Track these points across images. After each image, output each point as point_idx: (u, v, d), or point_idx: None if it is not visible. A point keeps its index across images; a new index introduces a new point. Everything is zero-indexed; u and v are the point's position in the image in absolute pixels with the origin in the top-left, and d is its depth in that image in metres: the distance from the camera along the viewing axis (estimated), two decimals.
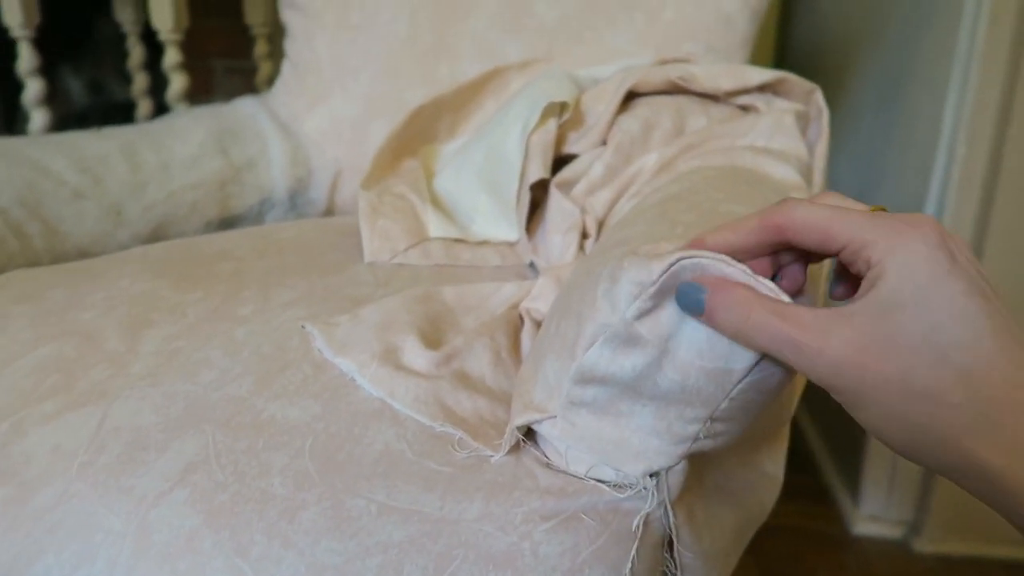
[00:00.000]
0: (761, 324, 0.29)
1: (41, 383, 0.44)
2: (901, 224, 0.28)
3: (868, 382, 0.27)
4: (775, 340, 0.29)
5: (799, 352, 0.28)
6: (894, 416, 0.27)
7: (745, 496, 0.44)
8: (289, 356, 0.46)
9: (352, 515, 0.36)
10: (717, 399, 0.34)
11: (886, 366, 0.27)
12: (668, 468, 0.36)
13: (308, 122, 0.87)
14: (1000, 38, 0.85)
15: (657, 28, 0.81)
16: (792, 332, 0.29)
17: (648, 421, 0.35)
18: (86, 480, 0.38)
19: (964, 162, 0.90)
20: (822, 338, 0.28)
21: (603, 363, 0.35)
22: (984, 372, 0.26)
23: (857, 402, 0.28)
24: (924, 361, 0.27)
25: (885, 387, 0.27)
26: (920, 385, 0.26)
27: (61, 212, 0.68)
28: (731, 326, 0.30)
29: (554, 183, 0.64)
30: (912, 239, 0.28)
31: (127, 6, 1.26)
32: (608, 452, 0.37)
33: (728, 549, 0.43)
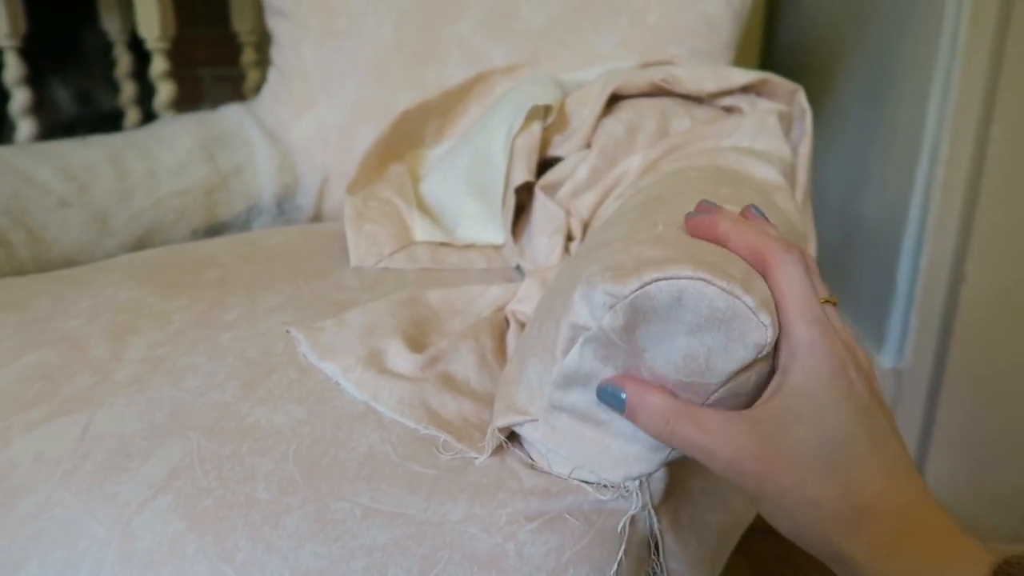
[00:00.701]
0: (677, 432, 0.33)
1: (26, 391, 0.44)
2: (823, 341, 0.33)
3: (768, 487, 0.32)
4: (690, 447, 0.33)
5: (711, 458, 0.33)
6: (786, 516, 0.32)
7: (730, 497, 0.45)
8: (274, 361, 0.46)
9: (336, 518, 0.36)
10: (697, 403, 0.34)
11: (783, 477, 0.32)
12: (648, 475, 0.37)
13: (295, 128, 0.87)
14: (981, 39, 0.86)
15: (641, 31, 0.81)
16: (704, 441, 0.33)
17: (627, 428, 0.36)
18: (70, 487, 0.38)
19: (948, 162, 0.90)
20: (730, 449, 0.32)
21: (584, 365, 0.35)
22: (860, 486, 0.31)
23: (757, 499, 0.33)
24: (815, 473, 0.32)
25: (782, 493, 0.32)
26: (810, 494, 0.32)
27: (46, 220, 0.68)
28: (652, 430, 0.34)
29: (539, 186, 0.64)
30: (822, 361, 0.32)
31: (114, 15, 1.26)
32: (589, 457, 0.37)
33: (715, 552, 0.43)
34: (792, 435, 0.32)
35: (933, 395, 0.99)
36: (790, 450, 0.32)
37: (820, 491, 0.31)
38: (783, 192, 0.54)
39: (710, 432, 0.33)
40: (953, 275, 0.95)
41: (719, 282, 0.32)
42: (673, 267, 0.32)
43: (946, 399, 0.98)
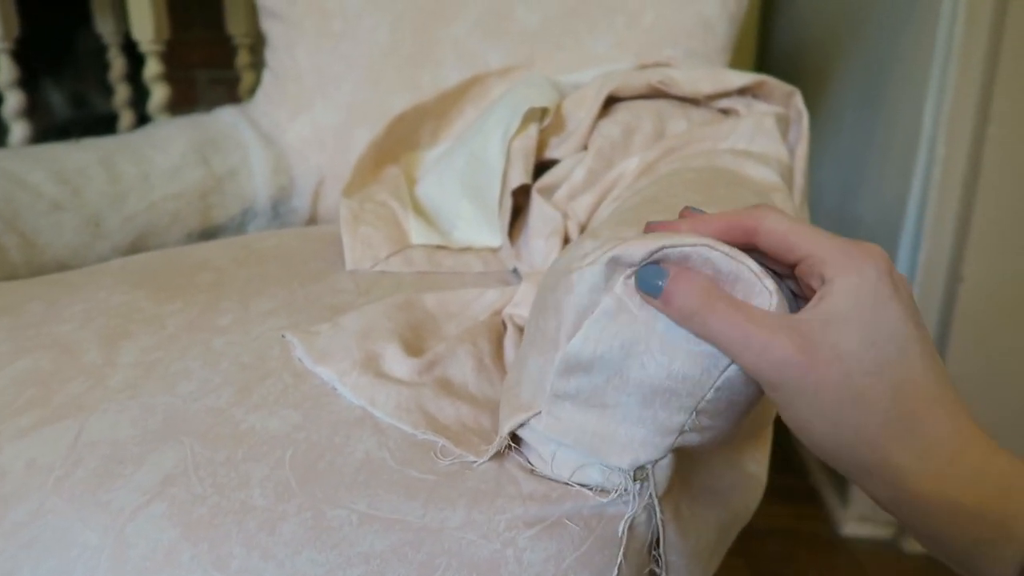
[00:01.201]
0: (716, 309, 0.31)
1: (18, 397, 0.44)
2: (856, 249, 0.31)
3: (809, 381, 0.29)
4: (727, 327, 0.31)
5: (747, 343, 0.30)
6: (826, 416, 0.29)
7: (730, 496, 0.44)
8: (269, 366, 0.45)
9: (333, 525, 0.35)
10: (704, 387, 0.33)
11: (828, 370, 0.29)
12: (655, 461, 0.36)
13: (290, 131, 0.87)
14: (977, 38, 0.86)
15: (637, 33, 0.81)
16: (744, 323, 0.30)
17: (634, 411, 0.35)
18: (62, 495, 0.37)
19: (944, 162, 0.90)
20: (770, 334, 0.30)
21: (590, 345, 0.34)
22: (910, 388, 0.29)
23: (793, 400, 0.30)
24: (861, 369, 0.29)
25: (823, 388, 0.29)
26: (856, 390, 0.29)
27: (39, 224, 0.68)
28: (687, 308, 0.32)
29: (536, 188, 0.64)
30: (864, 265, 0.30)
31: (108, 17, 1.25)
32: (594, 445, 0.36)
33: (712, 549, 0.43)
34: (838, 333, 0.29)
35: None
36: (835, 346, 0.29)
37: (868, 388, 0.29)
38: (781, 193, 0.54)
39: (749, 315, 0.30)
40: (950, 276, 0.95)
41: (721, 247, 0.32)
42: (675, 237, 0.33)
43: None
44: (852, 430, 0.29)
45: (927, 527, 0.29)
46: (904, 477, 0.29)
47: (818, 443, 0.30)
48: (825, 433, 0.30)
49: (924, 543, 0.30)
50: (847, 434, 0.29)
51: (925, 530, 0.29)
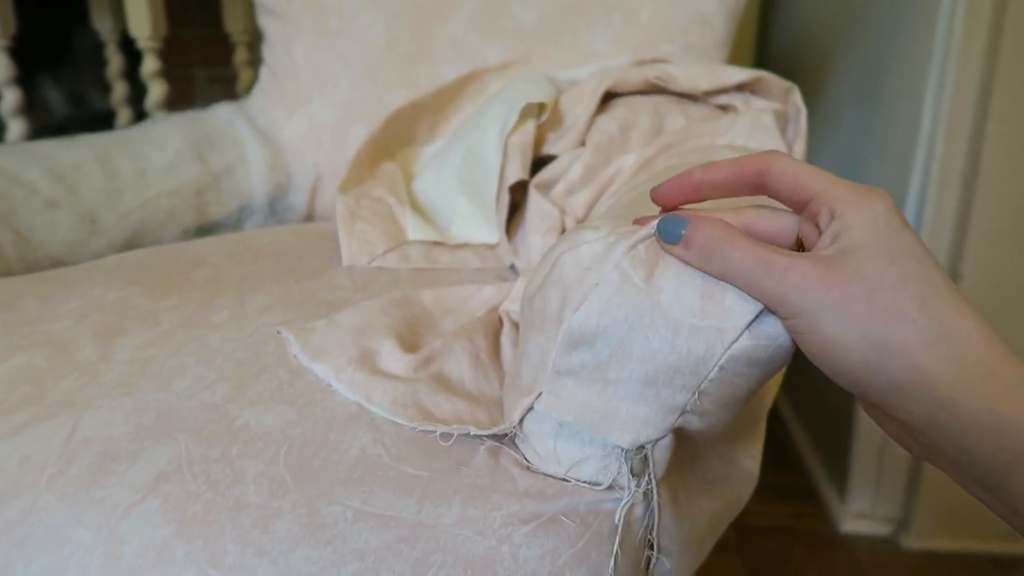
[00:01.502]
0: (736, 244, 0.31)
1: (11, 394, 0.44)
2: (865, 188, 0.31)
3: (833, 297, 0.29)
4: (748, 257, 0.31)
5: (768, 268, 0.30)
6: (854, 330, 0.29)
7: (723, 488, 0.44)
8: (264, 362, 0.45)
9: (328, 522, 0.35)
10: (707, 365, 0.33)
11: (850, 285, 0.29)
12: (655, 441, 0.36)
13: (287, 128, 0.87)
14: (976, 34, 0.85)
15: (634, 29, 0.81)
16: (764, 252, 0.31)
17: (636, 388, 0.34)
18: (55, 492, 0.37)
19: (943, 158, 0.90)
20: (791, 259, 0.30)
21: (593, 318, 0.34)
22: (937, 299, 0.29)
23: (818, 322, 0.29)
24: (886, 284, 0.29)
25: (848, 302, 0.29)
26: (883, 302, 0.29)
27: (34, 221, 0.67)
28: (707, 247, 0.32)
29: (533, 184, 0.63)
30: (875, 200, 0.31)
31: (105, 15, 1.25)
32: (595, 422, 0.36)
33: (704, 539, 0.43)
34: (859, 258, 0.29)
35: None
36: (857, 268, 0.29)
37: (895, 301, 0.28)
38: None
39: (768, 246, 0.31)
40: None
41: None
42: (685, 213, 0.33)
43: None
44: (882, 342, 0.28)
45: (963, 445, 0.28)
46: (941, 389, 0.27)
47: (845, 365, 0.29)
48: (853, 351, 0.29)
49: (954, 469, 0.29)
50: (878, 347, 0.28)
51: (960, 450, 0.28)
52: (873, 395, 0.30)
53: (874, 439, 1.04)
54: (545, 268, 0.38)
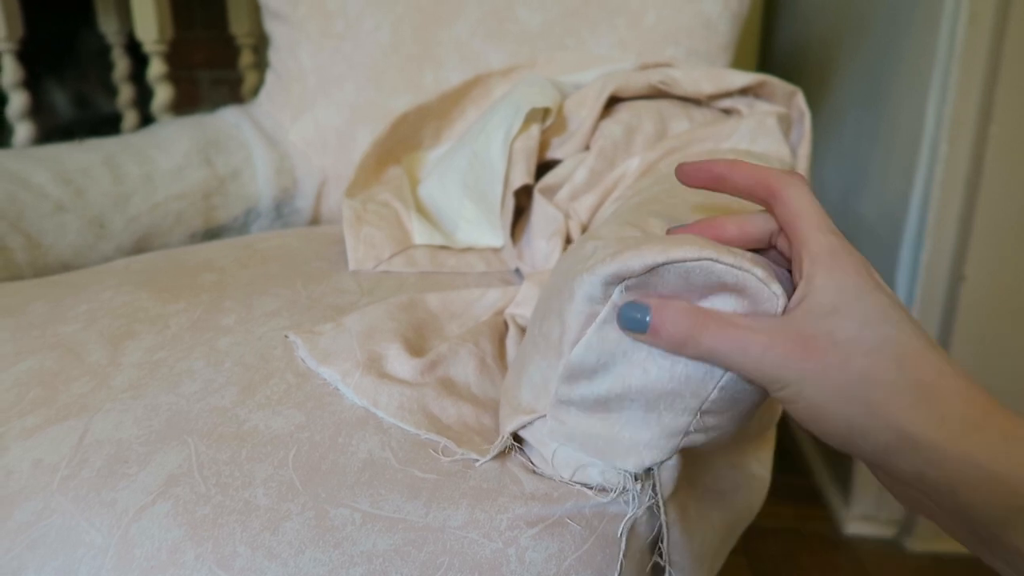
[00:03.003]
0: (708, 328, 0.32)
1: (23, 397, 0.44)
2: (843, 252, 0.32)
3: (810, 370, 0.29)
4: (722, 341, 0.31)
5: (745, 351, 0.31)
6: (836, 397, 0.29)
7: (734, 497, 0.44)
8: (272, 366, 0.46)
9: (336, 525, 0.35)
10: (707, 387, 0.34)
11: (827, 356, 0.29)
12: (660, 463, 0.36)
13: (293, 131, 0.87)
14: (979, 37, 0.86)
15: (638, 32, 0.81)
16: (738, 334, 0.31)
17: (638, 414, 0.35)
18: (67, 494, 0.37)
19: (947, 161, 0.90)
20: (767, 336, 0.31)
21: (592, 354, 0.34)
22: (914, 360, 0.29)
23: (799, 392, 0.30)
24: (861, 349, 0.29)
25: (826, 371, 0.29)
26: (859, 367, 0.29)
27: (43, 225, 0.68)
28: (677, 336, 0.32)
29: (538, 189, 0.64)
30: (846, 263, 0.31)
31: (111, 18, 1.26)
32: (599, 448, 0.37)
33: (717, 549, 0.43)
34: (830, 323, 0.30)
35: None
36: (830, 334, 0.30)
37: (871, 366, 0.29)
38: None
39: (740, 326, 0.31)
40: (953, 275, 0.95)
41: (725, 258, 0.32)
42: (677, 249, 0.33)
43: None
44: (863, 407, 0.29)
45: (955, 501, 0.28)
46: (925, 449, 0.28)
47: (832, 430, 0.30)
48: (837, 416, 0.29)
49: (949, 524, 0.29)
50: (860, 412, 0.29)
51: (953, 506, 0.28)
52: (863, 456, 0.30)
53: None
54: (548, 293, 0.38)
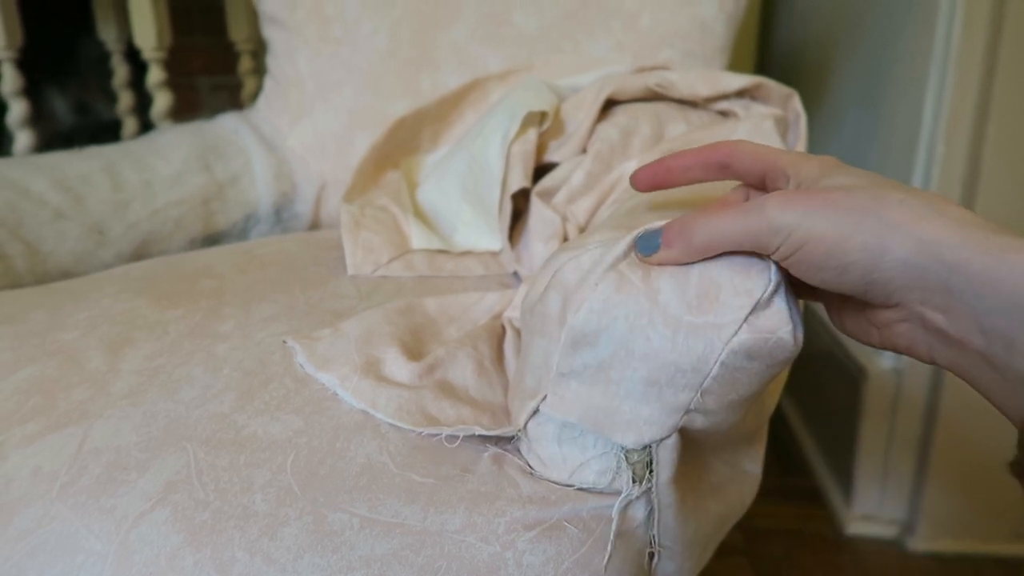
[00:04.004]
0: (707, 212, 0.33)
1: (22, 405, 0.44)
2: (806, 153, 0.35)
3: (816, 204, 0.30)
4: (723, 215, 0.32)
5: (746, 212, 0.31)
6: (847, 219, 0.29)
7: (728, 491, 0.45)
8: (271, 371, 0.46)
9: (334, 529, 0.35)
10: (708, 361, 0.33)
11: (829, 192, 0.30)
12: (660, 440, 0.36)
13: (291, 137, 0.88)
14: (975, 38, 0.86)
15: (634, 35, 0.81)
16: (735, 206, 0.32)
17: (638, 388, 0.35)
18: (67, 501, 0.38)
19: (944, 161, 0.90)
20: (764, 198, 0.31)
21: (594, 318, 0.34)
22: (915, 190, 0.30)
23: (809, 230, 0.30)
24: (862, 183, 0.31)
25: (834, 203, 0.30)
26: (865, 194, 0.30)
27: (42, 233, 0.68)
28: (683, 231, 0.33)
29: (535, 192, 0.64)
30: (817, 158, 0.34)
31: (110, 25, 1.26)
32: (598, 421, 0.36)
33: (708, 541, 0.43)
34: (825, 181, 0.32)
35: (934, 395, 0.99)
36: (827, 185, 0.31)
37: (878, 191, 0.30)
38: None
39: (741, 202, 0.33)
40: None
41: None
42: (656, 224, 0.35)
43: (946, 399, 0.98)
44: (879, 222, 0.29)
45: (978, 307, 0.27)
46: (948, 252, 0.28)
47: (850, 260, 0.29)
48: (853, 242, 0.29)
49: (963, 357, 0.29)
50: (876, 230, 0.29)
51: (974, 319, 0.28)
52: (881, 284, 0.30)
53: (879, 442, 1.04)
54: (546, 275, 0.38)
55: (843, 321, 0.36)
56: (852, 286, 0.30)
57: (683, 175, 0.38)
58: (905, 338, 0.32)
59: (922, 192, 0.30)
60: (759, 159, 0.36)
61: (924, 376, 0.99)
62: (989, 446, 1.00)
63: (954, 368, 0.31)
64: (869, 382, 1.02)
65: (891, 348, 0.33)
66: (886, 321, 0.32)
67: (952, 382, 0.96)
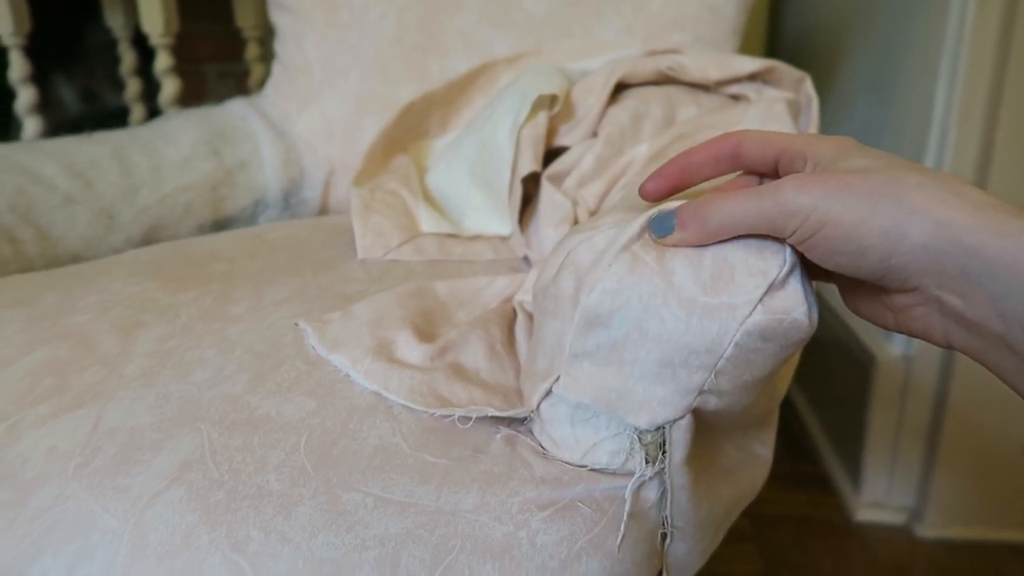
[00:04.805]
0: (722, 195, 0.33)
1: (36, 386, 0.44)
2: (820, 135, 0.34)
3: (833, 187, 0.29)
4: (738, 198, 0.32)
5: (760, 196, 0.31)
6: (865, 203, 0.29)
7: (740, 474, 0.44)
8: (282, 353, 0.46)
9: (348, 509, 0.36)
10: (722, 342, 0.33)
11: (845, 175, 0.30)
12: (673, 421, 0.36)
13: (299, 122, 0.87)
14: (988, 21, 0.85)
15: (644, 18, 0.81)
16: (748, 192, 0.32)
17: (652, 369, 0.35)
18: (82, 481, 0.38)
19: (956, 146, 0.90)
20: (778, 181, 0.31)
21: (608, 299, 0.34)
22: (933, 172, 0.30)
23: (825, 213, 0.29)
24: (878, 166, 0.30)
25: (850, 186, 0.29)
26: (881, 176, 0.29)
27: (53, 217, 0.68)
28: (698, 214, 0.33)
29: (545, 176, 0.64)
30: (836, 136, 0.34)
31: (117, 11, 1.26)
32: (611, 401, 0.36)
33: (719, 523, 0.43)
34: (841, 164, 0.31)
35: (943, 381, 0.99)
36: (844, 168, 0.31)
37: (894, 173, 0.29)
38: None
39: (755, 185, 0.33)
40: None
41: None
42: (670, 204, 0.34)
43: (956, 385, 0.97)
44: (896, 205, 0.28)
45: (996, 291, 0.27)
46: (966, 236, 0.27)
47: (868, 244, 0.29)
48: (869, 221, 0.29)
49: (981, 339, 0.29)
50: (893, 213, 0.28)
51: (991, 303, 0.28)
52: (898, 269, 0.29)
53: (888, 428, 1.04)
54: (559, 256, 0.38)
55: (857, 304, 0.36)
56: (869, 271, 0.30)
57: (697, 173, 0.37)
58: (921, 322, 0.31)
59: (940, 174, 0.30)
60: (770, 145, 0.35)
61: (933, 362, 0.99)
62: (999, 433, 0.99)
63: (971, 352, 0.30)
64: (878, 369, 1.01)
65: (906, 332, 0.33)
66: (902, 305, 0.32)
67: (962, 369, 0.96)
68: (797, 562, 1.00)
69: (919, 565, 1.00)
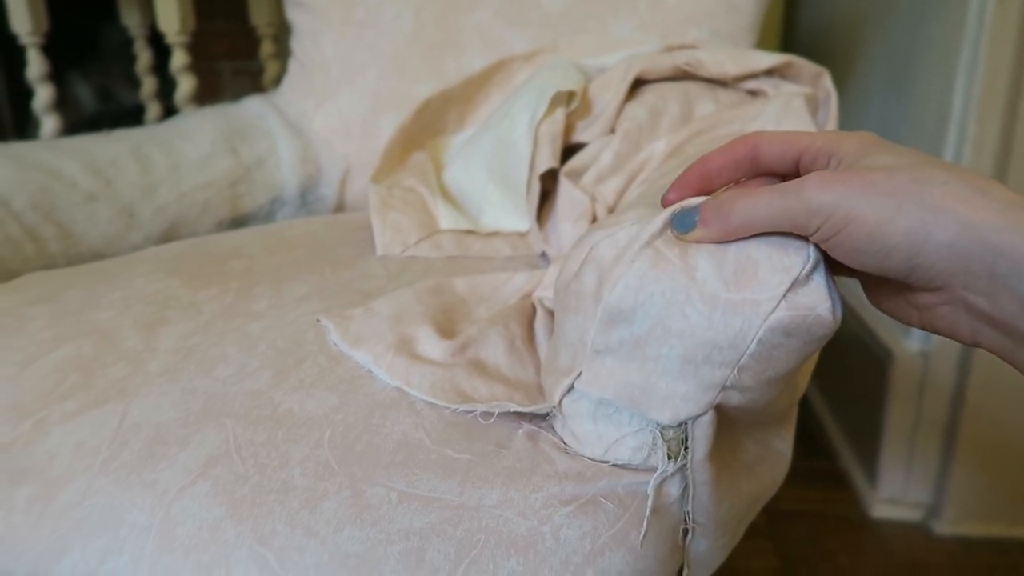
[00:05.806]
0: (745, 192, 0.32)
1: (61, 382, 0.45)
2: (841, 132, 0.34)
3: (856, 185, 0.29)
4: (761, 196, 0.32)
5: (784, 193, 0.31)
6: (889, 202, 0.29)
7: (759, 470, 0.44)
8: (305, 349, 0.46)
9: (372, 503, 0.36)
10: (746, 338, 0.33)
11: (869, 173, 0.30)
12: (695, 417, 0.36)
13: (316, 119, 0.88)
14: (1008, 13, 0.84)
15: (660, 14, 0.81)
16: (771, 189, 0.32)
17: (674, 365, 0.35)
18: (109, 476, 0.38)
19: (975, 140, 0.89)
20: (801, 179, 0.31)
21: (630, 295, 0.34)
22: (959, 170, 0.29)
23: (849, 212, 0.29)
24: (902, 166, 0.29)
25: (874, 184, 0.29)
26: (906, 176, 0.29)
27: (74, 215, 0.69)
28: (720, 211, 0.33)
29: (563, 172, 0.64)
30: (859, 132, 0.33)
31: (133, 10, 1.27)
32: (634, 397, 0.36)
33: (740, 519, 0.43)
34: (865, 161, 0.31)
35: (961, 377, 0.98)
36: (868, 165, 0.30)
37: (919, 171, 0.29)
38: None
39: (777, 182, 0.32)
40: None
41: None
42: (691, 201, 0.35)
43: (974, 382, 0.97)
44: (920, 206, 0.28)
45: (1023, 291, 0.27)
46: (992, 235, 0.27)
47: (892, 244, 0.29)
48: (895, 225, 0.28)
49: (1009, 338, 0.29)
50: (918, 212, 0.28)
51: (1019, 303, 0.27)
52: (924, 268, 0.29)
53: (905, 425, 1.03)
54: (581, 253, 0.38)
55: (880, 301, 0.35)
56: (895, 270, 0.30)
57: (717, 178, 0.37)
58: (947, 320, 0.31)
59: (966, 171, 0.29)
60: (789, 145, 0.34)
61: (951, 358, 0.98)
62: (1016, 429, 0.99)
63: (999, 351, 0.30)
64: (895, 365, 1.01)
65: (932, 330, 0.33)
66: (927, 303, 0.32)
67: (979, 365, 0.95)
68: (813, 558, 1.00)
69: (935, 562, 0.99)
